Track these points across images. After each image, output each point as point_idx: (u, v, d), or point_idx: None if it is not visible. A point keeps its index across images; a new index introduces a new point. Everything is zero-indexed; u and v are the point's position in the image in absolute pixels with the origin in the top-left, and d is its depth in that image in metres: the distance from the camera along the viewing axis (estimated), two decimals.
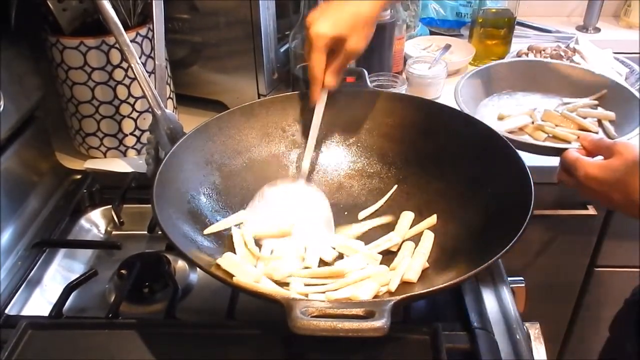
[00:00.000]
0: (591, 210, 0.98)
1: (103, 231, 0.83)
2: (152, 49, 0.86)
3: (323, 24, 0.67)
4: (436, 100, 0.77)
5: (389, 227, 0.70)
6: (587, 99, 0.95)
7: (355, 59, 0.72)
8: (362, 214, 0.73)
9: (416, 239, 0.67)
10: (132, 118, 0.91)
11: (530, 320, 0.68)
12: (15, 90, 0.79)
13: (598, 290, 1.12)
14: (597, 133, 0.88)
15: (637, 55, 1.28)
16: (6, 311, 0.65)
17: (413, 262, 0.62)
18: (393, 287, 0.59)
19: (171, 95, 0.99)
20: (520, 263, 1.08)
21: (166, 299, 0.66)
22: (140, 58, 0.83)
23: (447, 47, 1.22)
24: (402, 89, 1.00)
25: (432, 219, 0.68)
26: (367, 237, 0.69)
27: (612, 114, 0.91)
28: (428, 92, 1.06)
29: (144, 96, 0.78)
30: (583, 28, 1.42)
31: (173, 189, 0.64)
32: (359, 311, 0.45)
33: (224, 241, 0.66)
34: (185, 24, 0.99)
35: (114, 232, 0.83)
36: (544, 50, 1.19)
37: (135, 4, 0.87)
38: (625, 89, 0.93)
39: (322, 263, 0.65)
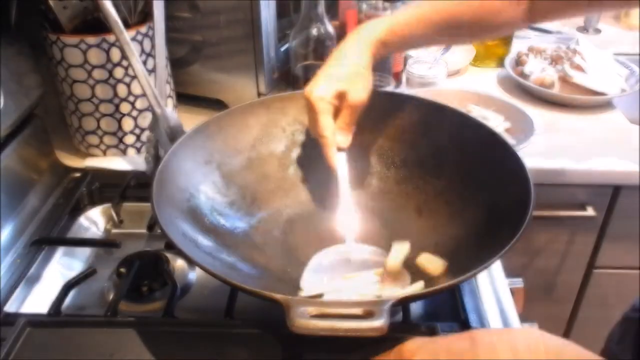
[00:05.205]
0: (590, 212, 0.98)
1: (102, 229, 0.83)
2: (153, 47, 0.86)
3: (320, 87, 0.66)
4: (436, 101, 0.76)
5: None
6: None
7: (360, 111, 0.68)
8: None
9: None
10: (132, 116, 0.91)
11: (528, 321, 0.68)
12: (15, 88, 0.79)
13: (597, 292, 1.12)
14: None
15: (637, 56, 1.28)
16: (5, 308, 0.65)
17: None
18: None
19: (171, 94, 0.99)
20: (520, 263, 1.08)
21: (165, 297, 0.66)
22: (140, 56, 0.84)
23: (448, 47, 1.22)
24: (389, 89, 1.00)
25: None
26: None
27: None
28: (428, 93, 1.06)
29: (144, 94, 0.78)
30: (583, 29, 1.43)
31: (173, 187, 0.64)
32: (357, 311, 0.45)
33: (224, 241, 0.66)
34: (186, 23, 0.99)
35: (113, 231, 0.83)
36: (544, 51, 1.19)
37: (135, 2, 0.87)
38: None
39: None
